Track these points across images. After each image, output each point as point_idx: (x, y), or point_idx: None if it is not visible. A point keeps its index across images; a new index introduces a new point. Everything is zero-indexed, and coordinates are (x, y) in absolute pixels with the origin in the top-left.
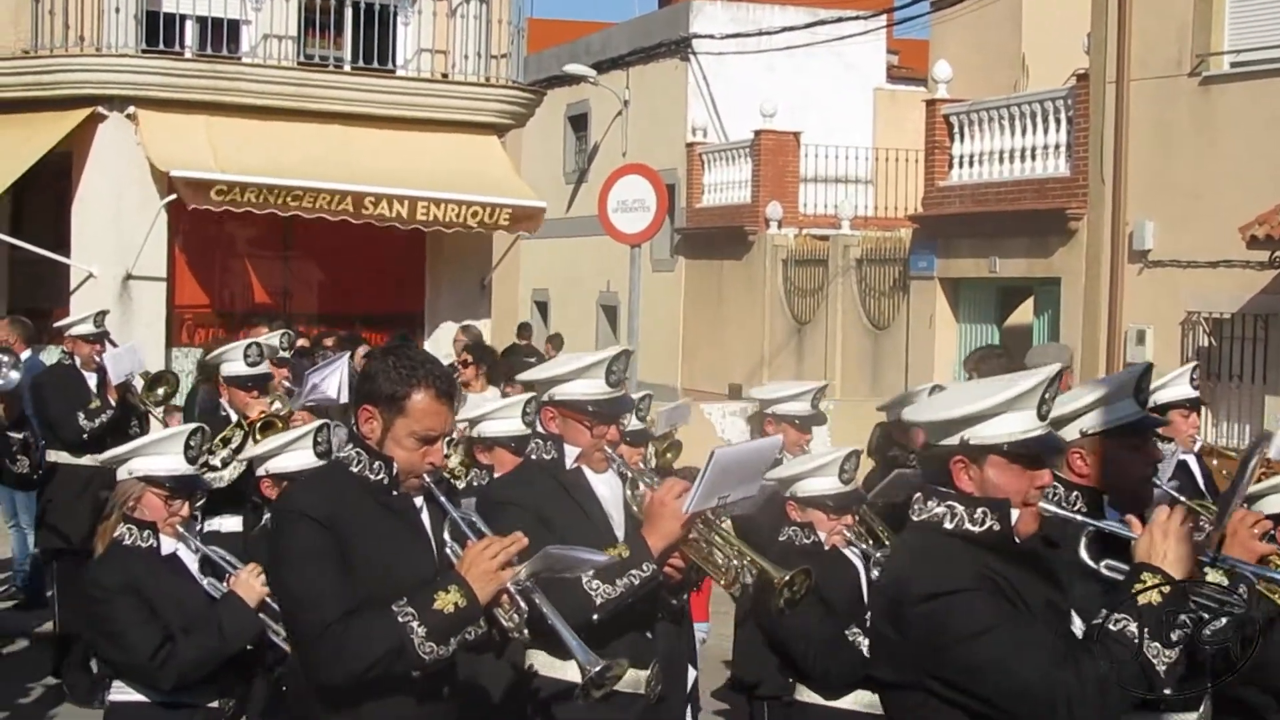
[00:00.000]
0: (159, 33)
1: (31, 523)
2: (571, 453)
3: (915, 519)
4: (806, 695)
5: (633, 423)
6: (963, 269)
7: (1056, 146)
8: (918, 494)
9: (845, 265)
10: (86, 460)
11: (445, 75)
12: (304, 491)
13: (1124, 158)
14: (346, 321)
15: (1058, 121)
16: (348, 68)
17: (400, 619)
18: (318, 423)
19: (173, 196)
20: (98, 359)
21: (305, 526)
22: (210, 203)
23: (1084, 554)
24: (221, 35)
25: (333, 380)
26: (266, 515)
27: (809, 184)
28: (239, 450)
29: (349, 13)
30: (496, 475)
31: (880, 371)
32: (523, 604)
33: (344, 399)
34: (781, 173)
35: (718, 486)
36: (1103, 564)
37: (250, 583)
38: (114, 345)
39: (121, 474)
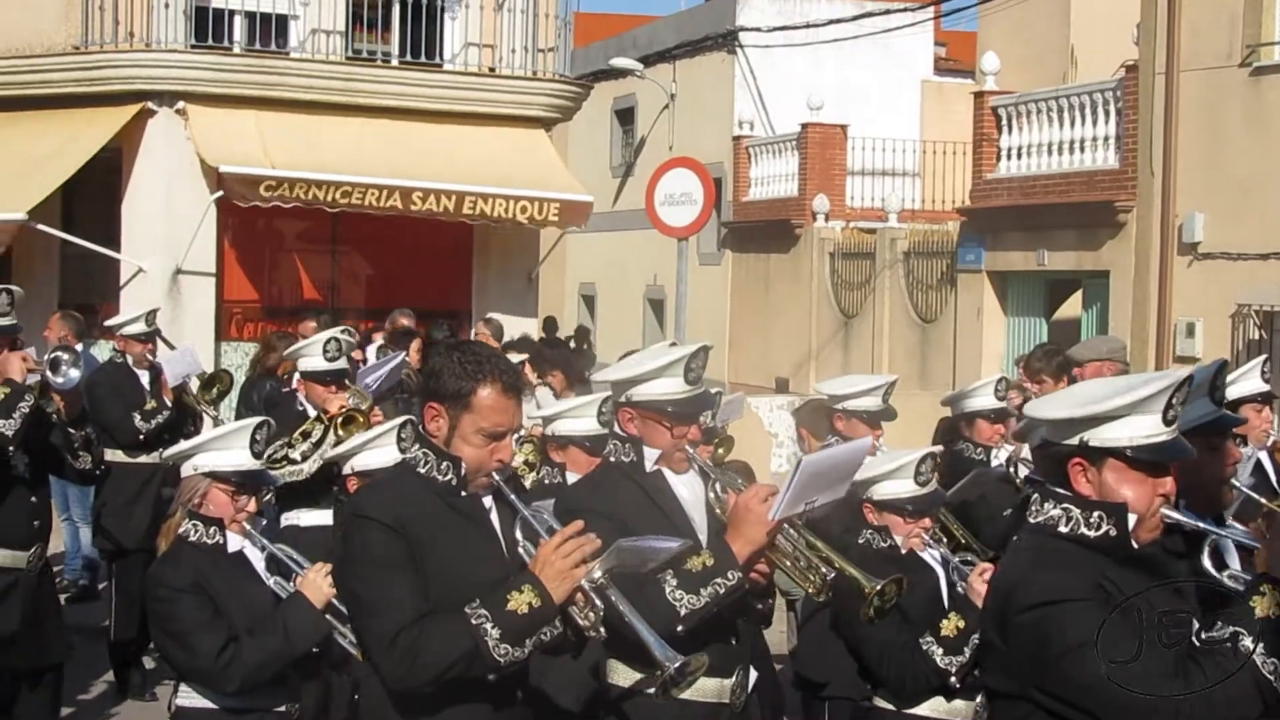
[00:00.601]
0: (208, 28)
1: (85, 516)
2: (651, 454)
3: (1031, 521)
4: (882, 701)
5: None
6: (1011, 262)
7: (1105, 138)
8: (1035, 495)
9: (892, 258)
10: (142, 459)
11: (492, 69)
12: (372, 495)
13: (1173, 149)
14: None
15: (1106, 113)
16: (395, 62)
17: (474, 621)
18: (401, 419)
19: (221, 193)
20: (150, 357)
21: (374, 531)
22: (259, 198)
23: (1206, 563)
24: (270, 30)
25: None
26: None
27: (856, 177)
28: (319, 444)
29: (396, 7)
30: (569, 474)
31: (928, 365)
32: (598, 601)
33: None
34: (828, 166)
35: (805, 492)
36: (1225, 574)
37: (317, 583)
38: (170, 346)
39: (186, 469)
